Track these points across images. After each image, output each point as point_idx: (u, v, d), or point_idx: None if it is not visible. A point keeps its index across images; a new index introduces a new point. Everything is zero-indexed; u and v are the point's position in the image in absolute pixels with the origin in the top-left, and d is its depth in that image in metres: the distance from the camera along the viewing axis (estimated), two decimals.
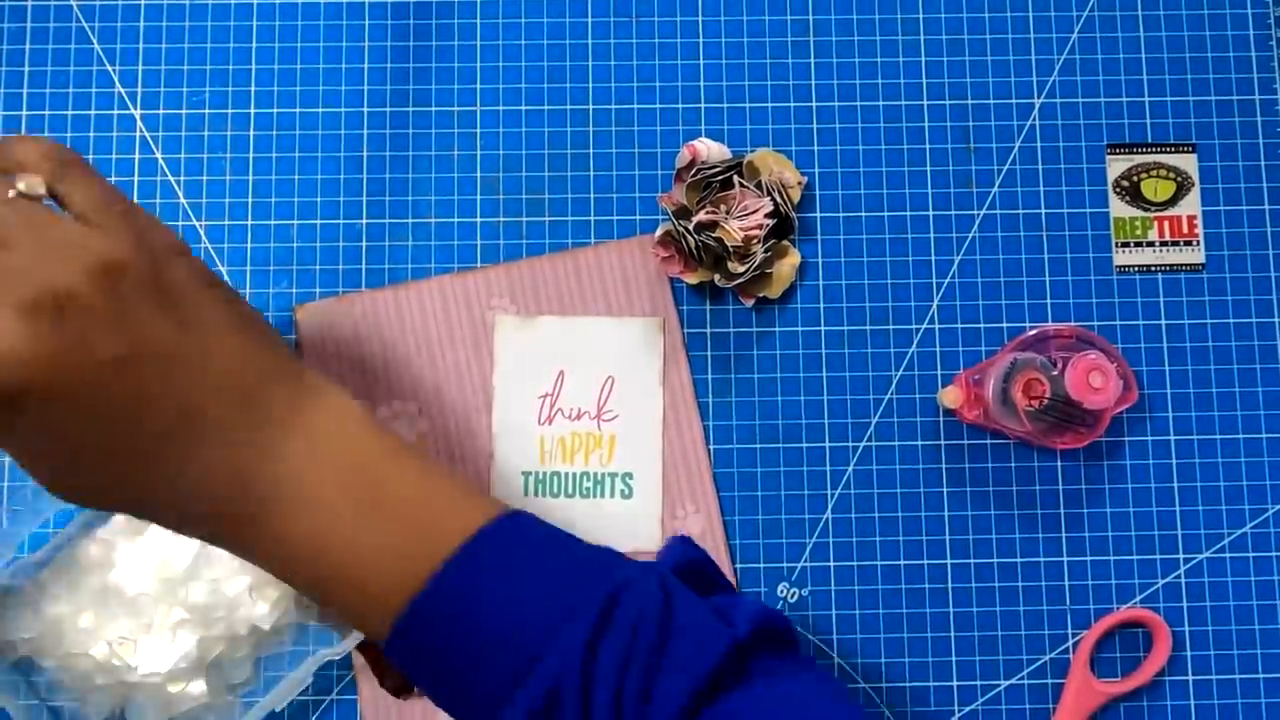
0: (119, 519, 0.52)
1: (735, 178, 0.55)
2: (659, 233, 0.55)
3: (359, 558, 0.37)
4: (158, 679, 0.51)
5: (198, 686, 0.51)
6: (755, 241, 0.54)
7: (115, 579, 0.52)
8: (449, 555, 0.37)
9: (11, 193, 0.34)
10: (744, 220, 0.54)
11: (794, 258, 0.56)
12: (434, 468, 0.40)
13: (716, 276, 0.55)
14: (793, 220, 0.56)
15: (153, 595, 0.51)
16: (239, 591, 0.51)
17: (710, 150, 0.55)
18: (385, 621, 0.37)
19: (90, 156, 0.57)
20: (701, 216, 0.54)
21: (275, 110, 0.57)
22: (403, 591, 0.37)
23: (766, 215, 0.55)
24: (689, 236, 0.54)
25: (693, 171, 0.55)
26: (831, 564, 0.55)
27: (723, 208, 0.55)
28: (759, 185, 0.55)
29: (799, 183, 0.57)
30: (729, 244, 0.54)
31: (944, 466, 0.56)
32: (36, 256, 0.32)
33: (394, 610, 0.37)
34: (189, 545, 0.51)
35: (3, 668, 0.51)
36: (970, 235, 0.57)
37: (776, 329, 0.57)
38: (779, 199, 0.55)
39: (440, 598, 0.37)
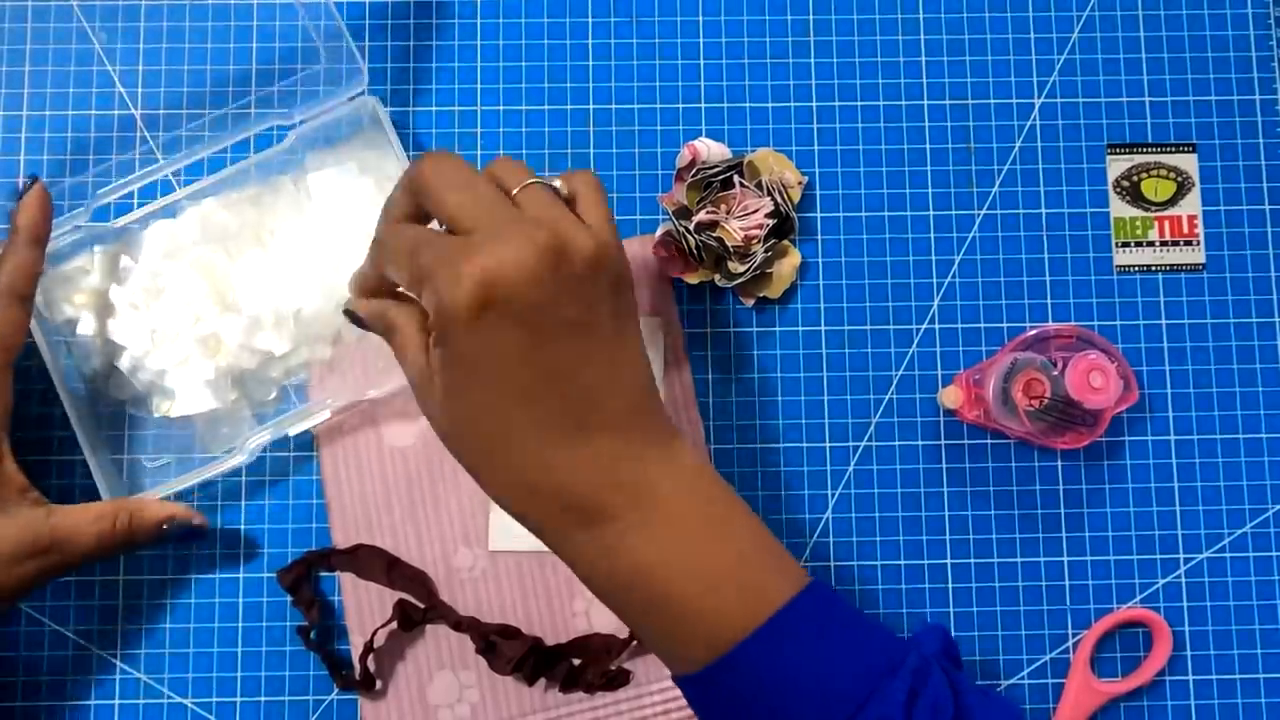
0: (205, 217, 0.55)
1: (735, 178, 0.55)
2: (659, 233, 0.55)
3: (697, 584, 0.40)
4: (183, 369, 0.53)
5: (223, 392, 0.54)
6: (755, 241, 0.54)
7: (174, 278, 0.54)
8: (777, 608, 0.40)
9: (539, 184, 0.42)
10: (744, 220, 0.54)
11: (794, 258, 0.56)
12: (762, 525, 0.43)
13: (717, 276, 0.55)
14: (793, 220, 0.56)
15: (205, 297, 0.54)
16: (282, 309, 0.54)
17: (710, 150, 0.55)
18: (700, 656, 0.40)
19: (90, 156, 0.57)
20: (702, 216, 0.54)
21: (275, 109, 0.57)
22: (733, 630, 0.39)
23: (767, 215, 0.55)
24: (689, 236, 0.54)
25: (693, 171, 0.55)
26: (832, 564, 0.55)
27: (723, 208, 0.55)
28: (759, 185, 0.55)
29: (799, 182, 0.57)
30: (729, 244, 0.54)
31: (944, 466, 0.56)
32: (553, 219, 0.40)
33: (717, 647, 0.39)
34: (248, 273, 0.54)
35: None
36: (970, 235, 0.57)
37: (777, 329, 0.57)
38: (779, 199, 0.55)
39: (766, 646, 0.39)
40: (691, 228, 0.54)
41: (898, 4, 0.59)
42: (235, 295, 0.54)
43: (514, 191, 0.41)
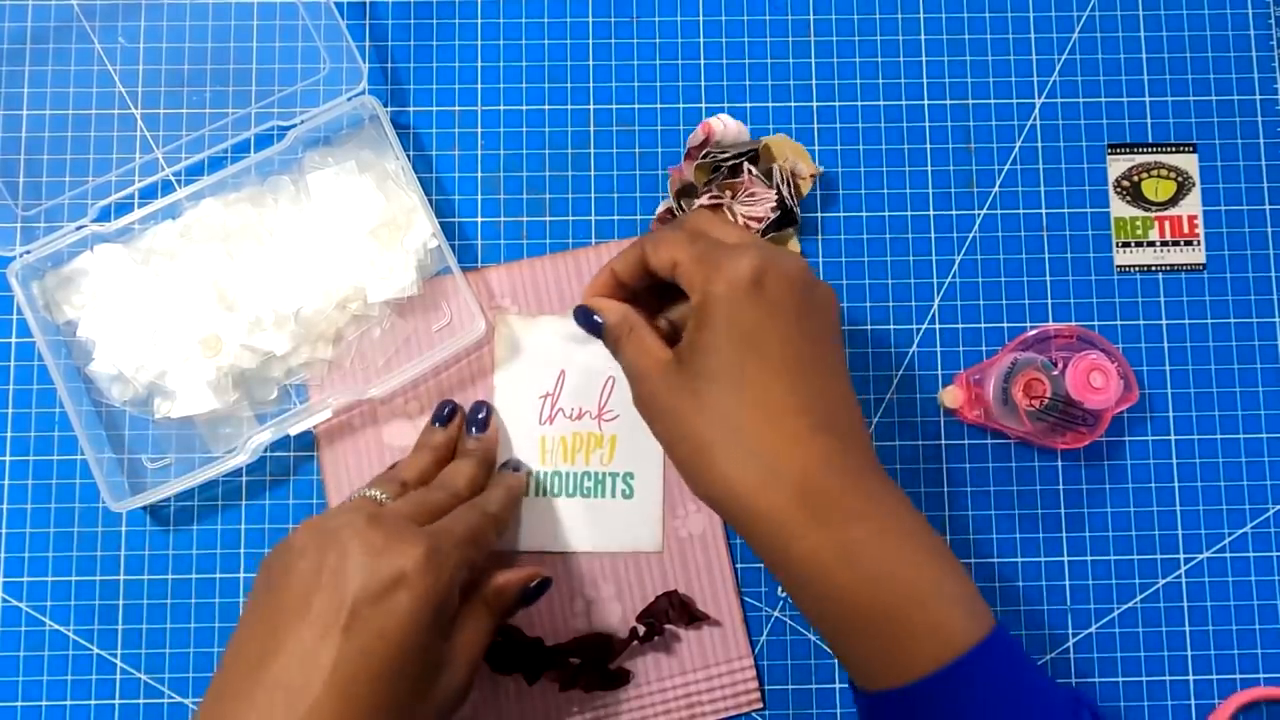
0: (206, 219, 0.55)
1: (746, 165, 0.55)
2: (660, 209, 0.55)
3: (935, 597, 0.41)
4: (184, 369, 0.53)
5: (224, 392, 0.53)
6: (756, 231, 0.54)
7: (174, 278, 0.54)
8: (989, 630, 0.41)
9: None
10: (748, 207, 0.54)
11: (794, 248, 0.56)
12: (957, 564, 0.43)
13: None
14: (796, 215, 0.55)
15: (205, 297, 0.54)
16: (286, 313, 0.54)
17: (727, 128, 0.55)
18: (924, 667, 0.40)
19: (90, 156, 0.57)
20: (705, 200, 0.54)
21: (276, 109, 0.57)
22: (959, 643, 0.40)
23: (771, 209, 0.55)
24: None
25: (704, 153, 0.55)
26: None
27: (729, 194, 0.55)
28: (768, 175, 0.55)
29: (812, 175, 0.56)
30: None
31: (944, 466, 0.56)
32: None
33: (942, 658, 0.40)
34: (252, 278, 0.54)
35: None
36: (971, 235, 0.57)
37: None
38: (786, 193, 0.55)
39: (989, 660, 0.41)
40: (693, 209, 0.54)
41: (898, 4, 0.59)
42: (235, 295, 0.54)
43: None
